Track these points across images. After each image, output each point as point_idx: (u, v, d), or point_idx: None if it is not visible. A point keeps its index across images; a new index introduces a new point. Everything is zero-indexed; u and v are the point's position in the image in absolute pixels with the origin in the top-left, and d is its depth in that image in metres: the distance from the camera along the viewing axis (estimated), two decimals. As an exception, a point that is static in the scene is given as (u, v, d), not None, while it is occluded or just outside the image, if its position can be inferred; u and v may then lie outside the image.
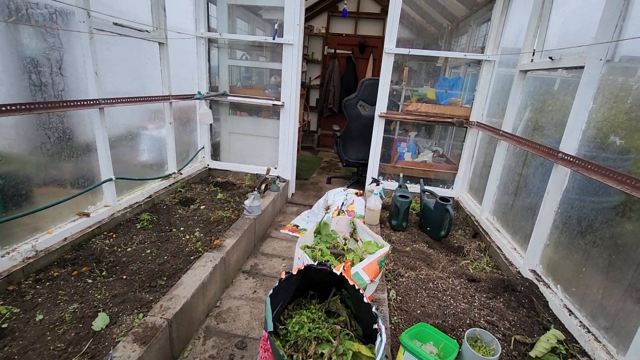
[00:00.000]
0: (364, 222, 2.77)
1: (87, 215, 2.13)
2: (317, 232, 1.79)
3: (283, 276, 1.11)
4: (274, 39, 3.08)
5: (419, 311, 1.77)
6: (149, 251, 2.05)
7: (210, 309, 1.91)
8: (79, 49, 1.98)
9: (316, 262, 1.18)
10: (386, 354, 1.44)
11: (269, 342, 0.95)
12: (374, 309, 1.05)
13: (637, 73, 1.50)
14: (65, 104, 1.88)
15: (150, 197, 2.68)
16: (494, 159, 2.69)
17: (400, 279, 2.04)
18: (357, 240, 1.77)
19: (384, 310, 1.70)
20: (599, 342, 1.48)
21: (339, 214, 2.88)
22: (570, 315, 1.65)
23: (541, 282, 1.91)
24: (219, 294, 2.01)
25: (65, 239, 1.96)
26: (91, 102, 2.03)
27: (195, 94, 3.22)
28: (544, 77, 2.28)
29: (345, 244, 1.71)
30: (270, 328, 0.96)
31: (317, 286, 1.28)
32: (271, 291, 1.05)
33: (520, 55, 2.49)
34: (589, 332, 1.53)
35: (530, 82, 2.42)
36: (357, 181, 4.13)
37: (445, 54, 3.12)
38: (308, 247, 1.64)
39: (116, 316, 1.51)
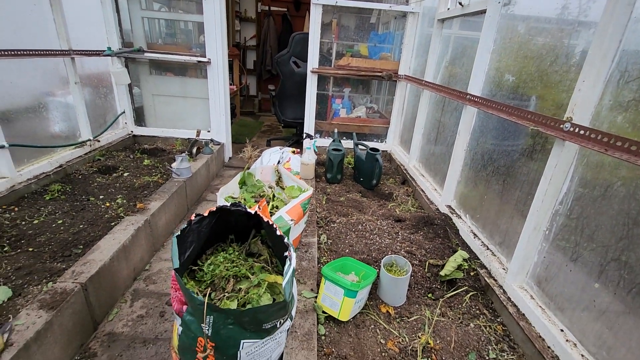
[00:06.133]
0: (299, 178, 2.81)
1: (-23, 188, 1.85)
2: (242, 183, 1.77)
3: (193, 218, 1.08)
4: (190, -15, 2.80)
5: (347, 250, 1.88)
6: (60, 222, 1.87)
7: (137, 272, 1.83)
8: None
9: (230, 204, 1.17)
10: (312, 288, 1.52)
11: (177, 281, 0.95)
12: (285, 240, 1.09)
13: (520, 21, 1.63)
14: None
15: (61, 166, 2.40)
16: (418, 109, 2.84)
17: (332, 225, 2.14)
18: (283, 189, 1.79)
19: (313, 253, 1.78)
20: (495, 255, 1.72)
21: (275, 172, 2.87)
22: (474, 237, 1.88)
23: (454, 214, 2.13)
24: (147, 258, 1.93)
25: (-49, 216, 1.70)
26: (-42, 53, 1.70)
27: (104, 50, 2.86)
28: (459, 26, 2.39)
29: (271, 193, 1.72)
30: (177, 265, 0.95)
31: (236, 229, 1.29)
32: (178, 232, 1.03)
33: (438, 4, 2.57)
34: (487, 249, 1.77)
35: (447, 30, 2.53)
36: (296, 141, 4.12)
37: (370, 4, 3.10)
38: (232, 197, 1.62)
39: (20, 288, 1.38)
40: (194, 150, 2.94)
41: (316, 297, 1.47)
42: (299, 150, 3.35)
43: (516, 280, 1.48)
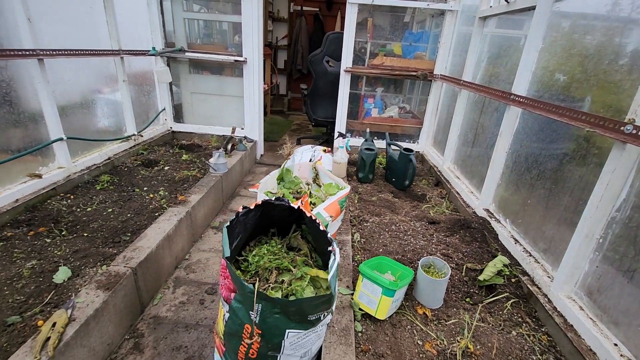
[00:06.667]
0: (332, 176, 2.81)
1: (39, 176, 2.02)
2: (280, 179, 1.80)
3: (240, 210, 1.12)
4: (231, -13, 2.89)
5: (381, 250, 1.87)
6: (110, 210, 2.00)
7: (179, 261, 1.92)
8: (4, -10, 1.77)
9: (274, 198, 1.20)
10: (347, 285, 1.53)
11: (227, 269, 0.99)
12: (329, 235, 1.10)
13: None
14: (-5, 53, 1.70)
15: (109, 159, 2.56)
16: (455, 109, 2.77)
17: (365, 224, 2.13)
18: (320, 186, 1.81)
19: (347, 250, 1.78)
20: (538, 262, 1.64)
21: (307, 170, 2.90)
22: (515, 243, 1.81)
23: (493, 218, 2.06)
24: (187, 248, 2.02)
25: (17, 200, 1.86)
26: (27, 53, 1.85)
27: (149, 50, 3.01)
28: (501, 24, 2.31)
29: (308, 190, 1.75)
30: (227, 254, 0.99)
31: (277, 223, 1.32)
32: (228, 223, 1.07)
33: (480, 2, 2.49)
34: (530, 255, 1.70)
35: (487, 29, 2.45)
36: (326, 140, 4.14)
37: (408, 3, 3.06)
38: (271, 192, 1.66)
39: (78, 269, 1.49)
40: (229, 146, 3.04)
41: (352, 294, 1.48)
42: (330, 149, 3.36)
43: (563, 290, 1.41)
